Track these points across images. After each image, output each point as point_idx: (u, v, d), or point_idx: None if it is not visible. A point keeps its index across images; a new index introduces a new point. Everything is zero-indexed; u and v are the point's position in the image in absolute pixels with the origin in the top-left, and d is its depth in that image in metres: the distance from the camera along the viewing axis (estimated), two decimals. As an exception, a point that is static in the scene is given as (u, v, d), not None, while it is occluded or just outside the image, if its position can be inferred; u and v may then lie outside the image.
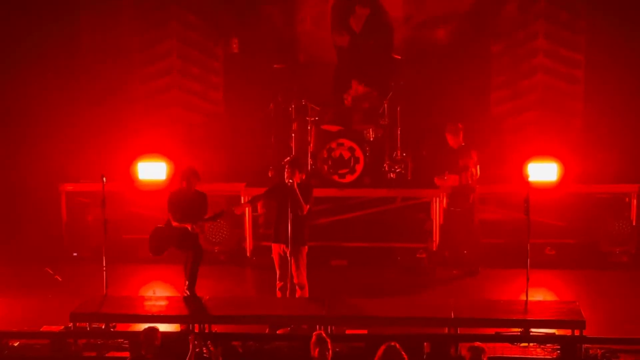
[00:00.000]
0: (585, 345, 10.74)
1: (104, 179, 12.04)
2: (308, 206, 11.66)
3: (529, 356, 10.80)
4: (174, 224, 11.89)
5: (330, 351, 9.03)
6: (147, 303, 11.87)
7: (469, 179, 13.49)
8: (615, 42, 15.44)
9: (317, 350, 9.02)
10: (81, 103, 15.60)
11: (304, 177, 12.32)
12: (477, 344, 9.48)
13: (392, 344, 8.52)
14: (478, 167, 13.60)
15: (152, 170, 14.80)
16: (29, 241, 14.52)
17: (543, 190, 13.91)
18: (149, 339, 9.72)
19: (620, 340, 10.90)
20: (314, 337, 9.16)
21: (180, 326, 11.29)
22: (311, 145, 14.89)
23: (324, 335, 9.13)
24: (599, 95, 15.41)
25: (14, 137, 15.53)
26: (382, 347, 8.42)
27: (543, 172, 14.18)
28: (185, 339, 10.81)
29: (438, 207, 14.44)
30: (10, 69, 15.60)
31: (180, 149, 15.23)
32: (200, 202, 12.01)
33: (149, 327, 9.85)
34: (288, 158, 11.88)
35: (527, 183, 12.20)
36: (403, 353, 8.50)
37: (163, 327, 11.12)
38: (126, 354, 10.77)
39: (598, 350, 10.80)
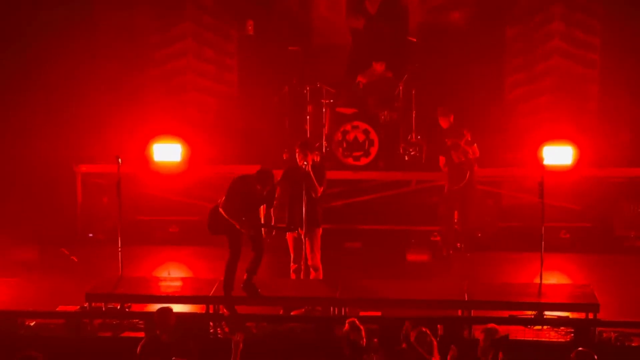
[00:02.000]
0: (599, 329, 10.76)
1: (120, 160, 12.08)
2: (322, 188, 11.68)
3: (543, 339, 10.82)
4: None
5: (365, 339, 9.08)
6: (162, 284, 11.94)
7: (461, 156, 13.57)
8: (631, 25, 15.36)
9: (351, 337, 9.09)
10: (97, 85, 15.62)
11: (317, 160, 12.34)
12: (492, 325, 9.53)
13: (424, 329, 8.60)
14: (475, 145, 13.64)
15: (167, 152, 14.83)
16: (44, 222, 14.57)
17: (558, 173, 13.90)
18: (163, 318, 9.77)
19: (634, 323, 10.89)
20: (347, 325, 9.23)
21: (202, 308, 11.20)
22: (326, 127, 14.90)
23: (357, 323, 9.18)
24: (614, 78, 15.34)
25: (30, 118, 15.57)
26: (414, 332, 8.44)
27: (558, 155, 14.16)
28: (202, 321, 10.90)
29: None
30: (27, 50, 15.62)
31: (195, 131, 15.25)
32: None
33: (163, 307, 9.90)
34: (299, 141, 11.86)
35: (542, 167, 12.19)
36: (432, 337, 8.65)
37: (178, 308, 11.22)
38: (141, 334, 10.82)
39: (612, 334, 10.81)
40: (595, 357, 8.80)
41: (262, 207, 11.25)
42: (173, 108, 15.79)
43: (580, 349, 8.91)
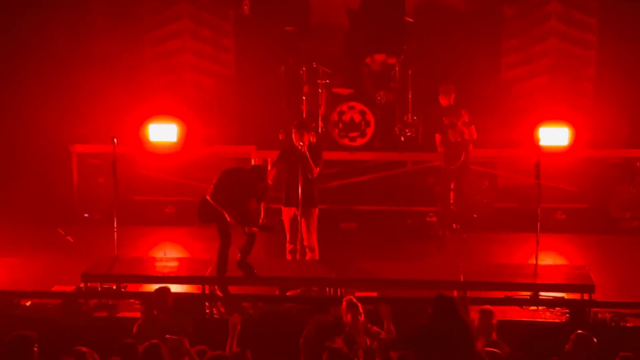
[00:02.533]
0: (594, 309, 10.78)
1: (115, 140, 12.06)
2: (318, 169, 11.67)
3: (538, 319, 10.84)
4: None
5: (362, 315, 9.08)
6: (158, 264, 11.93)
7: (458, 136, 13.57)
8: (628, 6, 15.31)
9: (349, 315, 9.08)
10: (92, 64, 15.55)
11: (313, 140, 12.32)
12: (487, 307, 9.55)
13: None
14: (473, 127, 13.63)
15: (163, 132, 14.78)
16: (39, 202, 14.55)
17: (554, 154, 13.89)
18: (160, 298, 9.78)
19: (629, 304, 10.92)
20: (344, 303, 9.23)
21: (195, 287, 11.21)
22: (322, 108, 14.87)
23: (354, 300, 9.17)
24: (611, 59, 15.29)
25: (25, 97, 15.51)
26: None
27: (554, 136, 14.14)
28: (198, 301, 10.91)
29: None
30: (21, 29, 15.55)
31: (191, 112, 15.21)
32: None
33: (161, 287, 9.92)
34: (295, 121, 11.83)
35: (538, 147, 12.18)
36: None
37: (174, 288, 11.21)
38: (137, 315, 10.84)
39: (607, 314, 10.83)
40: (595, 340, 8.82)
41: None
42: (169, 88, 15.73)
43: (579, 331, 8.92)
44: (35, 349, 8.77)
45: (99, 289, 11.40)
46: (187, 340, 8.86)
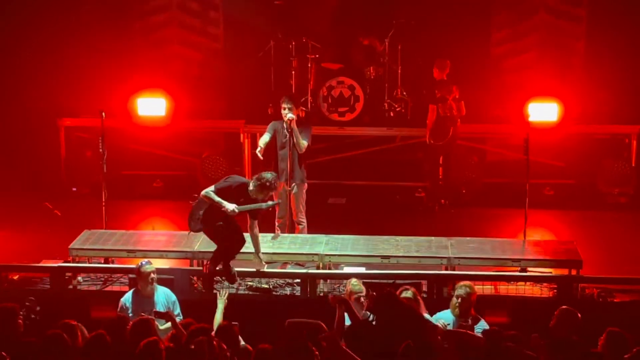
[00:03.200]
0: (581, 285, 10.79)
1: (103, 114, 11.99)
2: (307, 144, 11.62)
3: (526, 295, 10.85)
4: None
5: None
6: (146, 238, 11.87)
7: (447, 111, 13.54)
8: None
9: (352, 297, 9.12)
10: (80, 38, 15.42)
11: (302, 115, 12.26)
12: (467, 282, 9.54)
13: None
14: (462, 103, 13.60)
15: (152, 107, 14.73)
16: (27, 176, 14.48)
17: (543, 130, 13.88)
18: (142, 273, 9.76)
19: (616, 280, 10.95)
20: (348, 286, 9.31)
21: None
22: (311, 83, 14.81)
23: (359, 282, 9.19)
24: (600, 35, 15.25)
25: (13, 71, 15.40)
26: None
27: (543, 112, 14.14)
28: (185, 276, 10.88)
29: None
30: (8, 3, 15.41)
31: (179, 86, 15.13)
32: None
33: (141, 263, 9.88)
34: (284, 96, 11.76)
35: (527, 123, 12.17)
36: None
37: (161, 263, 11.20)
38: (125, 289, 10.81)
39: (594, 290, 10.86)
40: (579, 315, 8.84)
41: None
42: (157, 62, 15.64)
43: (564, 307, 8.95)
44: (19, 320, 8.76)
45: (87, 263, 11.35)
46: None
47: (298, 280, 10.99)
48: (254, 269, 10.99)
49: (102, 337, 8.13)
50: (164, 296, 9.94)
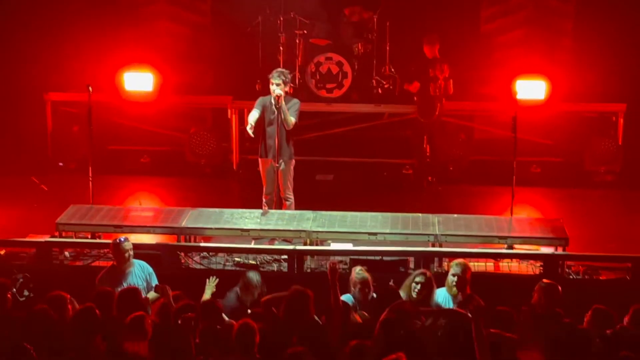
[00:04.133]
0: (567, 262, 10.83)
1: (90, 89, 11.93)
2: (295, 120, 11.59)
3: (512, 272, 10.89)
4: None
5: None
6: (133, 214, 11.85)
7: (436, 90, 13.53)
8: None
9: (356, 286, 9.16)
10: (67, 12, 15.32)
11: (290, 91, 12.21)
12: (461, 260, 9.58)
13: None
14: (451, 81, 13.59)
15: (139, 81, 14.65)
16: (13, 150, 14.41)
17: (531, 108, 13.87)
18: (116, 250, 9.76)
19: (602, 257, 11.00)
20: (353, 274, 9.32)
21: None
22: (299, 59, 14.75)
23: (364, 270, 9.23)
24: (589, 13, 15.23)
25: (-1, 45, 15.32)
26: None
27: (531, 90, 14.11)
28: (172, 252, 10.88)
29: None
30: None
31: (167, 61, 15.06)
32: None
33: (115, 240, 9.88)
34: (272, 72, 11.71)
35: (515, 101, 12.17)
36: None
37: (149, 238, 11.20)
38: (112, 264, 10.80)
39: (580, 267, 10.90)
40: (560, 288, 8.89)
41: None
42: (145, 37, 15.54)
43: (544, 281, 9.00)
44: (9, 295, 8.77)
45: (74, 238, 11.32)
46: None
47: (285, 257, 11.00)
48: (242, 245, 10.99)
49: (92, 310, 8.15)
50: (140, 269, 9.93)
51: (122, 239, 9.94)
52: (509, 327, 8.19)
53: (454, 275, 9.41)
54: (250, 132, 11.48)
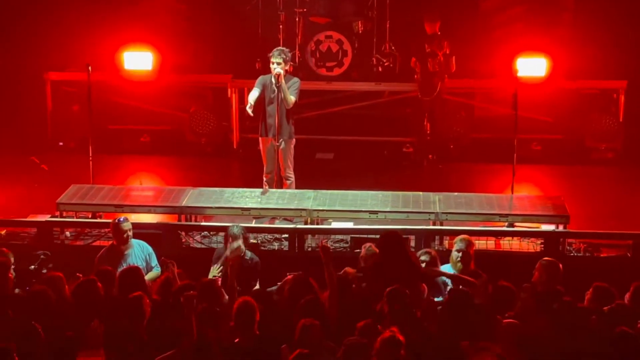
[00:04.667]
0: (568, 240, 10.83)
1: (90, 68, 11.90)
2: (295, 99, 11.56)
3: (513, 250, 10.89)
4: None
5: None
6: (134, 193, 11.84)
7: (436, 66, 13.48)
8: None
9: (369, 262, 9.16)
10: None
11: (290, 70, 12.18)
12: (465, 236, 9.59)
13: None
14: (453, 58, 13.54)
15: (138, 60, 14.60)
16: (13, 130, 14.37)
17: (531, 85, 13.82)
18: (116, 230, 9.77)
19: (603, 234, 10.99)
20: (363, 250, 9.38)
21: None
22: (299, 37, 14.69)
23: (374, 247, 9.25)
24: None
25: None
26: None
27: (532, 67, 14.06)
28: (173, 231, 10.88)
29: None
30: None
31: (166, 39, 15.00)
32: None
33: (114, 220, 9.89)
34: (272, 50, 11.67)
35: (516, 78, 12.13)
36: None
37: (149, 218, 11.20)
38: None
39: (581, 245, 10.90)
40: (560, 265, 8.89)
41: None
42: (144, 15, 15.45)
43: (544, 259, 8.99)
44: (10, 274, 8.79)
45: (75, 218, 11.32)
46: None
47: (286, 236, 10.99)
48: (242, 224, 10.97)
49: (94, 283, 8.18)
50: (139, 249, 9.95)
51: (122, 219, 9.95)
52: (511, 303, 8.21)
53: (458, 251, 9.42)
54: (249, 111, 11.45)
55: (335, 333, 7.79)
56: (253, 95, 11.48)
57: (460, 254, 9.40)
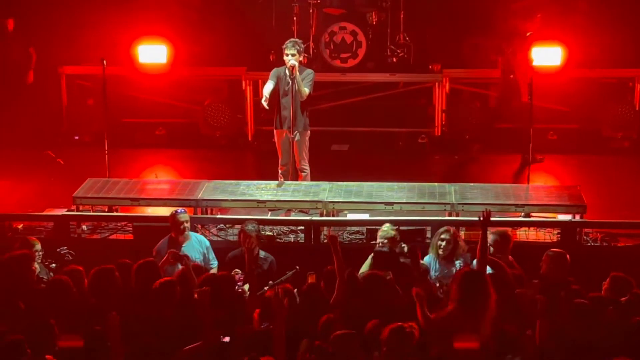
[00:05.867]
0: (585, 230, 10.80)
1: (105, 62, 11.94)
2: (309, 91, 11.57)
3: (529, 240, 10.87)
4: None
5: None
6: (150, 187, 11.88)
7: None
8: None
9: (395, 243, 9.30)
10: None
11: (304, 61, 12.18)
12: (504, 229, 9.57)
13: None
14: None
15: (153, 54, 14.62)
16: (29, 124, 14.44)
17: (547, 74, 13.78)
18: (174, 221, 9.80)
19: (620, 224, 10.97)
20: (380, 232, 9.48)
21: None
22: (313, 29, 14.70)
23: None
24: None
25: (14, 19, 15.27)
26: None
27: (547, 56, 14.00)
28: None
29: (440, 91, 14.40)
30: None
31: (181, 32, 15.02)
32: None
33: (174, 211, 9.93)
34: (286, 42, 11.68)
35: (531, 67, 12.09)
36: None
37: (165, 211, 11.23)
38: (130, 237, 10.87)
39: (598, 235, 10.87)
40: (568, 256, 8.85)
41: None
42: (158, 8, 15.48)
43: (551, 250, 8.96)
44: (34, 267, 8.86)
45: (91, 212, 11.37)
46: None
47: (302, 227, 11.01)
48: (258, 217, 11.01)
49: (111, 272, 8.23)
50: (197, 242, 9.99)
51: (179, 210, 10.01)
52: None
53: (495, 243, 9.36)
54: (265, 104, 11.47)
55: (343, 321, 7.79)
56: (268, 88, 11.49)
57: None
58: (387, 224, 9.58)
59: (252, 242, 9.24)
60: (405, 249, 9.38)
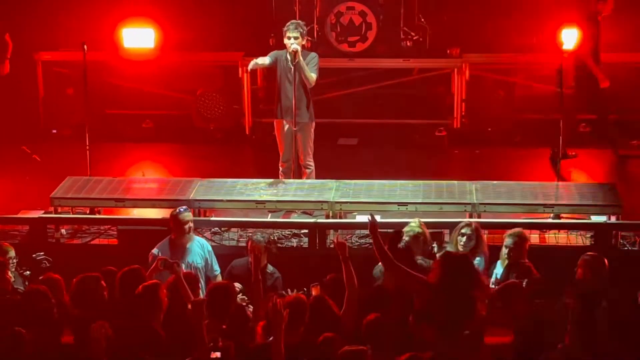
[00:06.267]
0: (621, 233, 10.80)
1: (85, 47, 11.97)
2: (316, 76, 11.58)
3: (559, 244, 10.88)
4: None
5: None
6: (136, 186, 11.90)
7: None
8: None
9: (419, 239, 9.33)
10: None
11: (307, 45, 12.20)
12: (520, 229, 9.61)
13: None
14: None
15: (139, 37, 14.66)
16: (2, 117, 14.48)
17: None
18: (176, 222, 9.84)
19: (661, 226, 10.97)
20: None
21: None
22: (317, 9, 14.73)
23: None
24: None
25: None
26: None
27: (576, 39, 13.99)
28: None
29: (459, 79, 14.41)
30: None
31: (170, 14, 15.06)
32: None
33: (173, 211, 9.97)
34: (287, 24, 11.70)
35: (561, 52, 12.10)
36: None
37: (153, 213, 11.26)
38: (114, 242, 10.89)
39: (636, 238, 10.87)
40: (606, 261, 8.86)
41: None
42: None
43: (587, 254, 8.97)
44: (8, 276, 8.90)
45: (71, 214, 11.40)
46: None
47: (305, 231, 11.04)
48: (257, 219, 11.04)
49: (97, 280, 8.28)
50: (199, 246, 10.01)
51: (181, 209, 10.02)
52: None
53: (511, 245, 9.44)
54: (249, 67, 11.57)
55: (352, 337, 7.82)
56: (262, 59, 11.54)
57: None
58: (416, 220, 9.59)
59: (260, 252, 9.23)
60: (435, 249, 9.42)
